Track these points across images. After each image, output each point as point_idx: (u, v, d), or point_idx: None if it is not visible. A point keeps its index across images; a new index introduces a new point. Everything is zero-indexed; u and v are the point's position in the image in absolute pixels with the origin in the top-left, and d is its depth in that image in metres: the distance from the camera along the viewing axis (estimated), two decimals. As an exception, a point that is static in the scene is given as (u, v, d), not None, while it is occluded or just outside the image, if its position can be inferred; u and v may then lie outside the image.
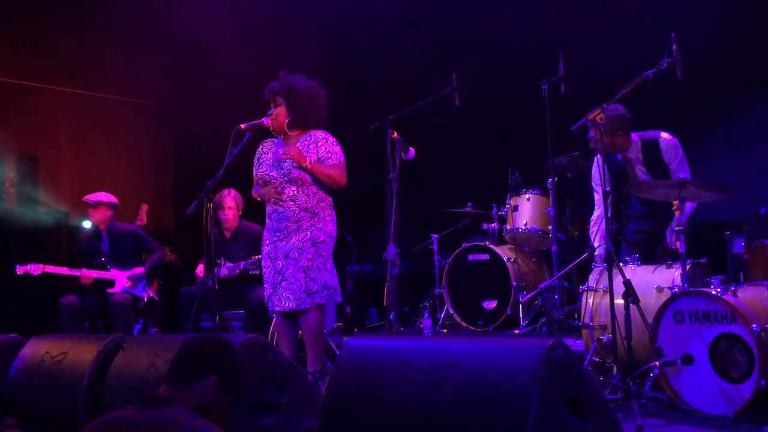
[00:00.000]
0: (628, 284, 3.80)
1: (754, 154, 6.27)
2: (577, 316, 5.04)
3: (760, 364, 3.46)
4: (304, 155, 4.24)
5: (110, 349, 3.62)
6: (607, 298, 4.05)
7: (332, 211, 4.40)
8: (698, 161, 4.91)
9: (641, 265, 4.39)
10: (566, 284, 5.96)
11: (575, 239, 6.10)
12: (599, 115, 4.06)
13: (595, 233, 4.83)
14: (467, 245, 6.39)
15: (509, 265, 6.08)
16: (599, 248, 4.62)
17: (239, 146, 4.12)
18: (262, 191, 4.39)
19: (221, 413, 2.36)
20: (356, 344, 2.70)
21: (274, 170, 4.32)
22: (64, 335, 4.61)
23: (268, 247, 4.37)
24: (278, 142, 4.46)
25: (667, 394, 3.77)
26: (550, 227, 5.79)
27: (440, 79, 5.47)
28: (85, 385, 3.53)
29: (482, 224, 6.58)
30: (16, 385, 3.92)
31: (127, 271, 6.02)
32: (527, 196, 6.16)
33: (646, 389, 3.81)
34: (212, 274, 4.28)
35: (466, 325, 6.22)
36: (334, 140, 4.38)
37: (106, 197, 6.12)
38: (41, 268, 5.86)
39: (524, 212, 6.13)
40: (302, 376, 3.49)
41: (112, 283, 5.98)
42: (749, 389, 3.49)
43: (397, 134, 4.49)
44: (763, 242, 4.29)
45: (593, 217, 5.01)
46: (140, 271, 6.06)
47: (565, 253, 5.77)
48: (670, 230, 4.53)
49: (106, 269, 6.00)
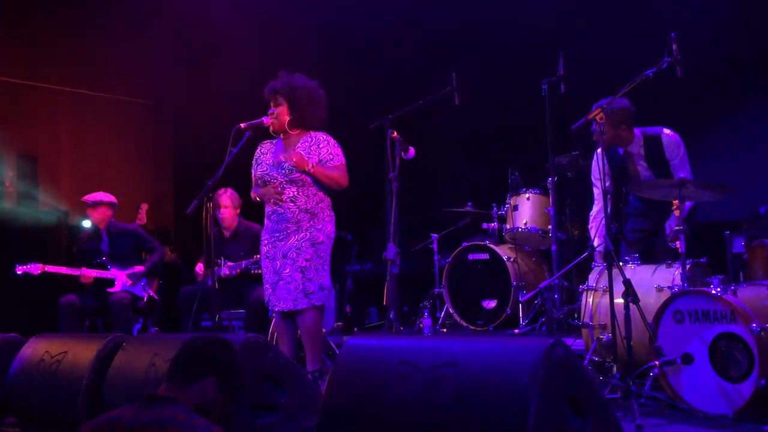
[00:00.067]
0: (627, 284, 3.80)
1: (754, 153, 6.28)
2: (576, 315, 5.04)
3: (759, 363, 3.46)
4: (305, 160, 4.23)
5: (110, 348, 3.62)
6: (606, 297, 4.05)
7: (331, 211, 4.40)
8: (698, 160, 4.91)
9: (641, 264, 4.40)
10: (566, 284, 5.96)
11: (575, 239, 6.10)
12: (599, 114, 4.07)
13: (595, 229, 4.84)
14: (467, 245, 6.38)
15: (509, 264, 6.07)
16: (599, 246, 4.62)
17: (239, 146, 4.12)
18: (261, 191, 4.38)
19: (221, 413, 2.36)
20: (356, 344, 2.70)
21: (274, 170, 4.32)
22: (63, 335, 4.61)
23: (266, 246, 4.37)
24: (277, 143, 4.45)
25: (666, 393, 3.77)
26: (549, 227, 5.79)
27: (440, 78, 5.47)
28: (84, 384, 3.53)
29: (482, 224, 6.58)
30: (15, 384, 3.92)
31: (126, 270, 6.02)
32: (527, 195, 6.15)
33: (645, 389, 3.82)
34: (212, 273, 4.28)
35: (465, 324, 6.22)
36: (335, 142, 4.38)
37: (105, 197, 6.12)
38: (41, 267, 5.86)
39: (524, 212, 6.12)
40: (302, 375, 3.49)
41: (112, 282, 5.98)
42: (749, 389, 3.49)
43: (397, 134, 4.48)
44: (763, 242, 4.28)
45: (592, 212, 5.01)
46: (140, 270, 6.05)
47: (564, 252, 5.77)
48: (669, 223, 4.53)
49: (106, 268, 6.00)
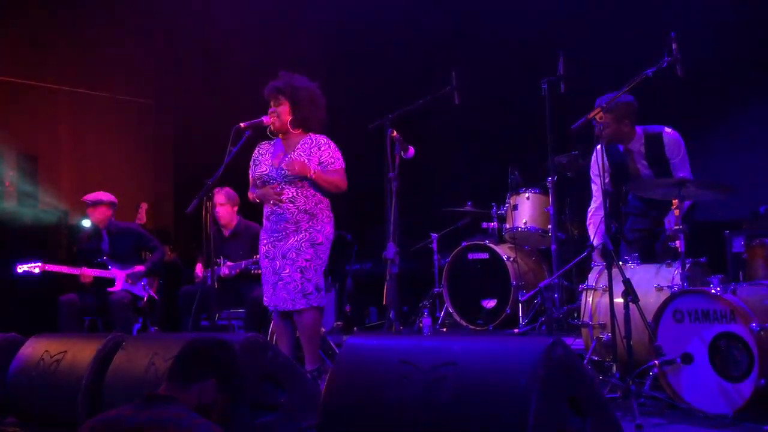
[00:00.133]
0: (627, 283, 3.80)
1: (754, 153, 6.27)
2: (576, 315, 5.03)
3: (759, 363, 3.46)
4: (307, 166, 4.22)
5: (110, 348, 3.63)
6: (606, 297, 4.05)
7: (330, 212, 4.40)
8: (698, 160, 4.91)
9: (641, 264, 4.40)
10: (566, 283, 5.95)
11: (575, 238, 6.09)
12: (599, 113, 4.07)
13: (594, 226, 4.83)
14: (467, 244, 6.38)
15: (509, 264, 6.07)
16: (598, 244, 4.62)
17: (239, 145, 4.12)
18: (260, 192, 4.37)
19: (221, 413, 2.36)
20: (356, 343, 2.70)
21: (273, 171, 4.31)
22: (63, 334, 4.61)
23: (265, 246, 4.36)
24: (276, 143, 4.44)
25: (666, 393, 3.77)
26: (549, 226, 5.79)
27: (440, 78, 5.47)
28: (84, 384, 3.54)
29: (482, 223, 6.57)
30: (15, 384, 3.92)
31: (127, 269, 6.02)
32: (527, 195, 6.15)
33: (645, 388, 3.81)
34: (212, 272, 4.27)
35: (465, 324, 6.21)
36: (335, 146, 4.38)
37: (105, 196, 6.11)
38: (41, 267, 5.86)
39: (524, 211, 6.12)
40: (302, 375, 3.49)
41: (112, 281, 5.98)
42: (749, 388, 3.49)
43: (396, 133, 4.48)
44: (763, 241, 4.28)
45: (590, 209, 5.01)
46: (140, 269, 6.05)
47: (564, 252, 5.77)
48: (668, 218, 4.53)
49: (106, 268, 6.00)
